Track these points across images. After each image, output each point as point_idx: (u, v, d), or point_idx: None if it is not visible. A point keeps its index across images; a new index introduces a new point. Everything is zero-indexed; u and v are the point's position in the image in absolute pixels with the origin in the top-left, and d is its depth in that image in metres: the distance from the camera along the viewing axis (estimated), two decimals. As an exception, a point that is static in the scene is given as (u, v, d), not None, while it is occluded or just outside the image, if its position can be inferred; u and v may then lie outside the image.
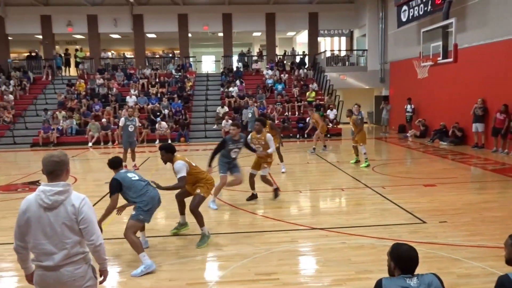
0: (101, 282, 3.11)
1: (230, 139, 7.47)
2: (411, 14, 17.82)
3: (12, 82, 21.98)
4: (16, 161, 15.60)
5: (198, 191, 5.92)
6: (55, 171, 2.82)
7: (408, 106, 18.76)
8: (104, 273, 3.09)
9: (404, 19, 18.57)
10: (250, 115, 17.15)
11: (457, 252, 5.21)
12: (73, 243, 2.83)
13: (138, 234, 5.37)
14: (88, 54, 25.65)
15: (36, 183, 10.16)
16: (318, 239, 5.87)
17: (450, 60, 13.22)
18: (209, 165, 7.28)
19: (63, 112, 19.37)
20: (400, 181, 9.63)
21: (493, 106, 13.41)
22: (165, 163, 5.94)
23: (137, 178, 5.35)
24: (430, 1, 16.00)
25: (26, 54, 25.43)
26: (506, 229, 5.84)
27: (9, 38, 24.88)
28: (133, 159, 11.97)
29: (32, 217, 2.78)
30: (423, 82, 16.43)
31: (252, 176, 8.10)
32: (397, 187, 8.92)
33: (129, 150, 11.78)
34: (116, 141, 17.56)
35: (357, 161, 11.74)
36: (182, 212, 6.35)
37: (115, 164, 5.40)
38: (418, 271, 2.73)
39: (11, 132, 18.88)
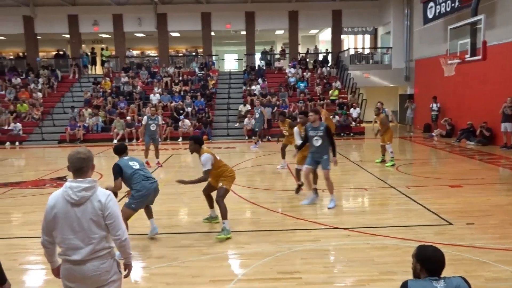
0: (125, 276, 3.16)
1: (310, 126, 7.48)
2: (437, 11, 17.43)
3: (40, 80, 22.58)
4: (44, 157, 16.03)
5: (220, 184, 6.12)
6: (82, 167, 2.88)
7: (434, 105, 18.37)
8: (128, 267, 3.15)
9: (430, 16, 18.18)
10: (257, 115, 16.70)
11: (485, 255, 5.08)
12: (99, 238, 2.89)
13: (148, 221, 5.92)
14: (113, 52, 26.11)
15: (63, 179, 10.41)
16: (341, 239, 5.82)
17: (479, 57, 12.88)
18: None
19: (89, 110, 19.78)
20: (425, 181, 9.44)
21: (524, 105, 12.99)
22: (192, 153, 6.22)
23: (137, 167, 5.65)
24: (457, -3, 15.63)
25: (54, 53, 26.07)
26: (536, 232, 5.66)
27: (38, 37, 25.56)
28: (157, 156, 12.09)
29: (59, 212, 2.84)
30: (450, 80, 16.06)
31: (298, 171, 8.34)
32: (422, 188, 8.75)
33: (152, 147, 11.94)
34: (140, 138, 17.84)
35: (383, 161, 11.57)
36: (211, 206, 6.59)
37: (119, 150, 5.82)
38: (444, 274, 2.67)
39: (40, 129, 19.40)
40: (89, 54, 25.65)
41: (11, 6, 23.64)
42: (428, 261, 2.63)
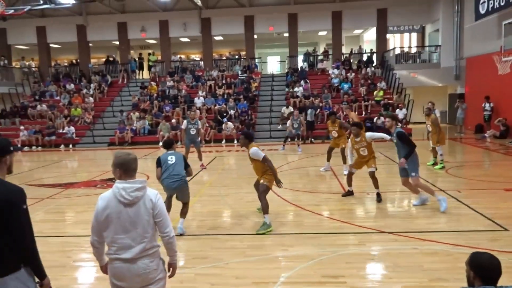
0: (170, 276, 3.21)
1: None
2: (490, 6, 16.60)
3: (92, 85, 23.67)
4: (95, 159, 16.76)
5: (262, 181, 6.54)
6: (133, 168, 3.01)
7: (487, 105, 17.49)
8: (173, 266, 3.21)
9: (482, 11, 17.35)
10: (296, 125, 15.76)
11: (545, 264, 4.76)
12: (150, 236, 2.99)
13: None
14: (159, 57, 26.91)
15: (113, 180, 10.82)
16: (387, 243, 5.66)
17: (536, 54, 12.16)
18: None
19: (137, 113, 20.48)
20: (477, 184, 9.00)
21: None
22: (241, 147, 6.78)
23: (172, 162, 6.28)
24: (512, -9, 14.81)
25: (104, 59, 27.26)
26: None
27: (90, 44, 26.82)
28: (200, 159, 12.25)
29: (112, 213, 2.94)
30: (504, 78, 15.24)
31: (350, 174, 8.31)
32: (474, 191, 8.34)
33: (194, 150, 12.14)
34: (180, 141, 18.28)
35: (434, 163, 11.10)
36: None
37: (165, 144, 6.72)
38: (500, 282, 2.53)
39: (91, 132, 20.32)
40: (136, 59, 26.58)
41: (65, 15, 25.02)
42: (483, 269, 2.50)
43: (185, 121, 12.35)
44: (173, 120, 19.53)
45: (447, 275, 4.56)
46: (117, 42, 26.80)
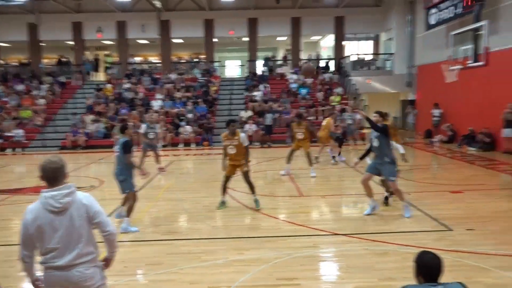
0: (104, 268, 3.12)
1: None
2: (440, 17, 17.45)
3: (44, 87, 22.71)
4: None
5: (243, 168, 7.66)
6: (57, 177, 2.90)
7: (436, 111, 18.35)
8: (108, 260, 3.14)
9: (433, 22, 18.20)
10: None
11: (486, 261, 5.05)
12: (85, 241, 2.90)
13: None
14: (116, 59, 26.26)
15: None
16: (340, 245, 5.80)
17: (481, 63, 12.90)
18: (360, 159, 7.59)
19: (91, 116, 19.86)
20: (426, 187, 9.41)
21: (526, 111, 12.96)
22: (231, 134, 7.55)
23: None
24: (460, 4, 15.64)
25: (56, 60, 26.23)
26: (538, 238, 5.62)
27: (42, 44, 25.74)
28: (159, 162, 12.10)
29: (43, 224, 2.83)
30: (452, 86, 16.04)
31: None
32: (423, 194, 8.72)
33: (152, 154, 11.96)
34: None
35: None
36: (224, 192, 7.92)
37: (121, 128, 7.20)
38: (445, 279, 2.67)
39: (42, 135, 19.47)
40: (92, 60, 25.81)
41: (16, 13, 23.85)
42: (426, 267, 2.66)
43: (144, 125, 12.12)
44: (130, 124, 19.06)
45: (396, 274, 4.74)
46: (72, 42, 25.88)
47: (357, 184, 10.01)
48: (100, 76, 26.10)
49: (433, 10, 17.98)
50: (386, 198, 7.85)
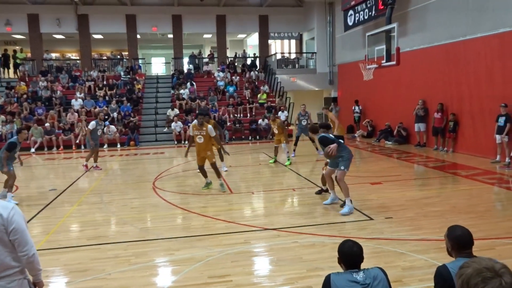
0: None
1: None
2: (357, 19, 18.47)
3: None
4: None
5: (210, 159, 8.88)
6: None
7: (356, 107, 19.42)
8: (39, 284, 2.92)
9: (350, 23, 19.20)
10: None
11: (402, 246, 5.47)
12: (3, 255, 2.67)
13: None
14: (29, 55, 24.37)
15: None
16: (270, 240, 5.94)
17: (393, 63, 13.84)
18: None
19: (2, 117, 18.28)
20: (348, 180, 9.81)
21: (433, 107, 14.19)
22: (200, 126, 8.69)
23: None
24: (374, 6, 16.68)
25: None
26: (445, 222, 6.20)
27: None
28: (96, 160, 12.51)
29: None
30: (369, 84, 17.08)
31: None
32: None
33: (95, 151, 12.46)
34: (80, 143, 17.69)
35: (275, 161, 12.53)
36: (206, 176, 9.21)
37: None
38: (367, 265, 2.85)
39: None
40: (0, 56, 23.71)
41: None
42: (346, 255, 2.83)
43: (93, 122, 12.51)
44: (47, 124, 17.87)
45: (323, 264, 4.96)
46: (-24, 36, 23.60)
47: (285, 179, 10.34)
48: (11, 73, 24.07)
49: (350, 12, 18.98)
50: (320, 191, 8.48)
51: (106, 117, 18.92)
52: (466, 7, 12.69)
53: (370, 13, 17.14)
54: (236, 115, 20.33)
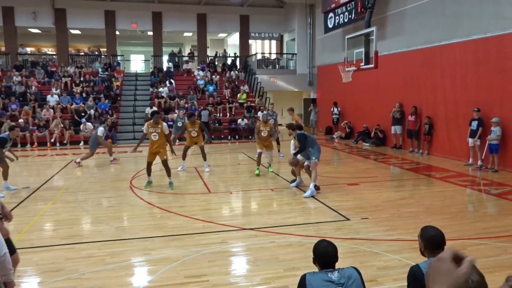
0: None
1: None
2: (336, 21, 18.66)
3: None
4: None
5: (165, 157, 9.08)
6: None
7: (335, 109, 19.63)
8: (9, 285, 2.86)
9: (330, 26, 19.39)
10: (180, 124, 14.46)
11: (377, 246, 5.56)
12: None
13: None
14: (3, 49, 23.69)
15: None
16: (248, 239, 5.95)
17: (372, 66, 14.04)
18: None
19: (-26, 112, 17.73)
20: (326, 180, 10.03)
21: (409, 110, 14.47)
22: (156, 124, 9.00)
23: None
24: (354, 10, 16.89)
25: None
26: (419, 223, 6.33)
27: None
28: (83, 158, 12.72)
29: None
30: (348, 86, 17.28)
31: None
32: (324, 187, 9.26)
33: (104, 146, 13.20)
34: (56, 141, 17.37)
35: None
36: (149, 174, 9.36)
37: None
38: (342, 265, 2.88)
39: None
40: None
41: None
42: (321, 255, 2.86)
43: (101, 128, 12.94)
44: (21, 120, 17.41)
45: (299, 264, 5.00)
46: None
47: (263, 179, 10.36)
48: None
49: (330, 15, 19.18)
50: (293, 181, 9.34)
51: (83, 114, 18.59)
52: (443, 13, 12.99)
53: (350, 16, 17.35)
54: (215, 114, 20.25)
